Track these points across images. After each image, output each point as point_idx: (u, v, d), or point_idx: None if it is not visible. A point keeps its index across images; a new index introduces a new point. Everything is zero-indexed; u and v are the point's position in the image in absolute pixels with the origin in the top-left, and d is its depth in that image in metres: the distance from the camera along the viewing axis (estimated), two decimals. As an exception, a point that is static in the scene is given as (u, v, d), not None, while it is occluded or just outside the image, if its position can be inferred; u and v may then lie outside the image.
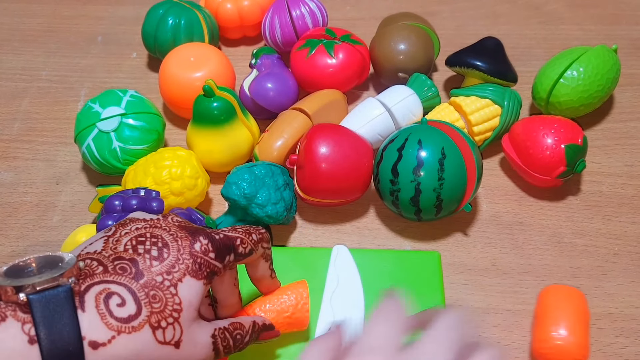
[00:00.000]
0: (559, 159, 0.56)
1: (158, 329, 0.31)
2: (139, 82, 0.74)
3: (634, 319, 0.51)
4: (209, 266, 0.35)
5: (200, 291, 0.34)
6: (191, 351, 0.34)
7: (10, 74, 0.76)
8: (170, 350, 0.32)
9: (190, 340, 0.33)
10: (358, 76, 0.67)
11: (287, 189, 0.55)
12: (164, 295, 0.32)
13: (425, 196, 0.52)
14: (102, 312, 0.30)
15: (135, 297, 0.31)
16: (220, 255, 0.36)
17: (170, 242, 0.34)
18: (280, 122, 0.61)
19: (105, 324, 0.30)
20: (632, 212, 0.59)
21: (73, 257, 0.32)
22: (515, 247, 0.56)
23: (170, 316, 0.32)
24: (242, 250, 0.37)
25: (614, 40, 0.74)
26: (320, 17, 0.71)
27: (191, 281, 0.33)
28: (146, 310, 0.31)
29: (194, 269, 0.34)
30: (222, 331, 0.37)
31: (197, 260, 0.34)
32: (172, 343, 0.32)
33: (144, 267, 0.32)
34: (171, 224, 0.36)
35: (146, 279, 0.32)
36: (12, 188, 0.64)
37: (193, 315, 0.34)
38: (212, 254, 0.35)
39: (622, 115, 0.68)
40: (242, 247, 0.37)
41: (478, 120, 0.61)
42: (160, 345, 0.31)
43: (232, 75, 0.67)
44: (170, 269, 0.33)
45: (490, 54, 0.64)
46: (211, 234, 0.36)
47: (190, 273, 0.34)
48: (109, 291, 0.31)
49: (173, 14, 0.70)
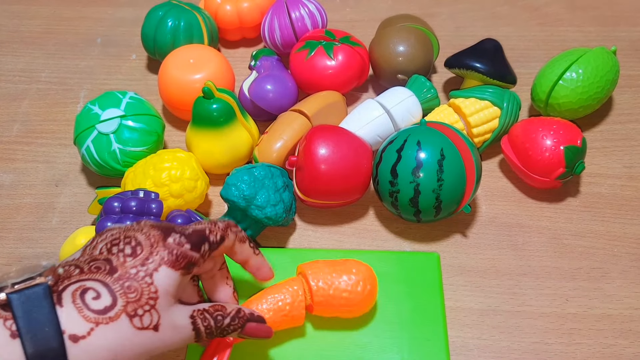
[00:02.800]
0: (558, 161, 0.56)
1: (135, 316, 0.32)
2: (139, 84, 0.74)
3: (633, 320, 0.51)
4: (186, 256, 0.36)
5: (178, 281, 0.35)
6: (171, 334, 0.34)
7: (9, 76, 0.76)
8: (150, 335, 0.33)
9: (169, 323, 0.34)
10: (357, 78, 0.67)
11: (286, 191, 0.55)
12: (140, 285, 0.33)
13: (425, 197, 0.52)
14: (79, 306, 0.31)
15: (109, 290, 0.32)
16: (195, 246, 0.36)
17: (143, 240, 0.35)
18: (279, 123, 0.61)
19: (82, 317, 0.31)
20: (631, 213, 0.59)
21: (51, 262, 0.34)
22: (514, 249, 0.57)
23: (146, 304, 0.33)
24: (214, 239, 0.38)
25: (613, 42, 0.75)
26: (320, 19, 0.71)
27: (168, 270, 0.34)
28: (122, 301, 0.32)
29: (170, 259, 0.35)
30: (201, 312, 0.37)
31: (173, 252, 0.35)
32: (151, 327, 0.33)
33: (118, 264, 0.34)
34: (144, 226, 0.37)
35: (120, 272, 0.33)
36: (12, 190, 0.64)
37: (170, 302, 0.35)
38: (187, 245, 0.36)
39: (621, 116, 0.68)
40: (213, 235, 0.38)
41: (477, 121, 0.61)
42: (138, 331, 0.32)
43: (231, 77, 0.68)
44: (145, 261, 0.34)
45: (489, 55, 0.64)
46: (182, 229, 0.37)
47: (166, 263, 0.34)
48: (85, 287, 0.32)
49: (172, 16, 0.70)
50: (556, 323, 0.51)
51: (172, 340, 0.35)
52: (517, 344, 0.50)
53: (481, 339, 0.51)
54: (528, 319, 0.52)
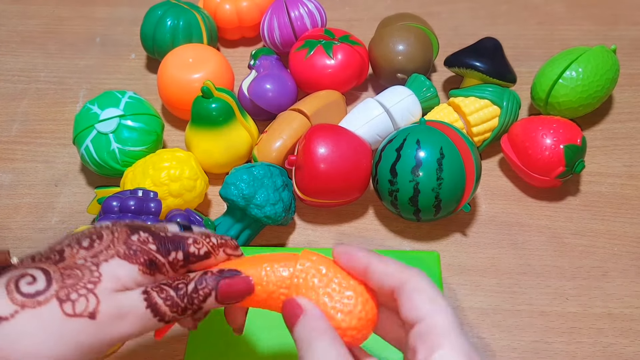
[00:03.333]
0: (558, 160, 0.56)
1: (66, 301, 0.29)
2: (138, 84, 0.74)
3: (633, 319, 0.51)
4: (148, 254, 0.32)
5: (132, 274, 0.31)
6: (116, 322, 0.30)
7: (8, 76, 0.76)
8: (85, 323, 0.29)
9: (112, 308, 0.30)
10: (357, 77, 0.67)
11: (285, 190, 0.55)
12: (81, 272, 0.30)
13: (424, 196, 0.52)
14: (10, 289, 0.29)
15: (47, 276, 0.30)
16: (163, 248, 0.33)
17: (105, 235, 0.32)
18: (279, 123, 0.61)
19: (10, 299, 0.29)
20: (631, 212, 0.59)
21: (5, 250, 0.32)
22: (514, 248, 0.56)
23: (83, 288, 0.30)
24: (194, 251, 0.34)
25: (613, 40, 0.74)
26: (319, 18, 0.70)
27: (120, 262, 0.31)
28: (56, 286, 0.29)
29: (126, 253, 0.32)
30: (157, 286, 0.32)
31: (132, 247, 0.32)
32: (85, 314, 0.29)
33: (69, 255, 0.31)
34: (118, 224, 0.34)
35: (67, 262, 0.31)
36: (11, 190, 0.64)
37: (115, 286, 0.30)
38: (152, 245, 0.33)
39: (621, 115, 0.68)
40: (195, 246, 0.34)
41: (477, 120, 0.60)
42: (68, 318, 0.29)
43: (230, 76, 0.67)
44: (97, 253, 0.31)
45: (489, 54, 0.64)
46: (157, 231, 0.34)
47: (120, 256, 0.31)
48: (24, 273, 0.30)
49: (172, 15, 0.70)
50: (556, 322, 0.51)
51: (120, 330, 0.30)
52: (517, 342, 0.50)
53: (481, 337, 0.51)
54: (528, 318, 0.52)
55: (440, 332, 0.28)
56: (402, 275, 0.31)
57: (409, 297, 0.30)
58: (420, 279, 0.31)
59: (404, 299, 0.30)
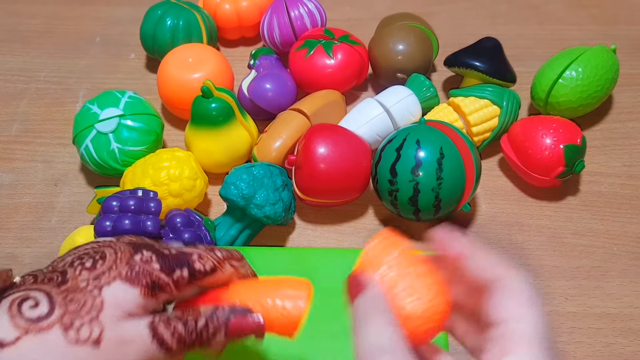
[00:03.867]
0: (557, 159, 0.56)
1: (70, 328, 0.29)
2: (138, 83, 0.74)
3: (632, 319, 0.51)
4: (150, 276, 0.32)
5: (135, 298, 0.31)
6: (120, 350, 0.30)
7: (8, 75, 0.76)
8: (89, 351, 0.29)
9: (116, 337, 0.30)
10: (357, 77, 0.67)
11: (285, 190, 0.55)
12: (84, 297, 0.30)
13: (424, 196, 0.52)
14: (13, 314, 0.29)
15: (50, 300, 0.29)
16: (167, 267, 0.32)
17: (108, 255, 0.32)
18: (278, 122, 0.61)
19: (13, 324, 0.28)
20: (630, 212, 0.59)
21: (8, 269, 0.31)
22: (514, 247, 0.56)
23: (87, 314, 0.29)
24: (200, 267, 0.33)
25: (613, 40, 0.74)
26: (319, 18, 0.70)
27: (123, 285, 0.31)
28: (59, 311, 0.29)
29: (128, 275, 0.31)
30: (164, 319, 0.31)
31: (135, 269, 0.31)
32: (89, 342, 0.29)
33: (72, 276, 0.31)
34: (120, 242, 0.34)
35: (69, 284, 0.30)
36: (11, 189, 0.64)
37: (119, 314, 0.30)
38: (155, 265, 0.32)
39: (621, 115, 0.68)
40: (200, 262, 0.34)
41: (477, 120, 0.60)
42: (72, 346, 0.28)
43: (230, 76, 0.67)
44: (100, 275, 0.31)
45: (489, 54, 0.64)
46: (160, 249, 0.34)
47: (122, 278, 0.31)
48: (26, 296, 0.29)
49: (171, 15, 0.70)
50: (556, 322, 0.51)
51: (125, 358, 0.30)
52: (516, 343, 0.50)
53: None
54: (528, 318, 0.51)
55: (519, 338, 0.26)
56: (500, 270, 0.29)
57: (500, 296, 0.28)
58: (518, 279, 0.29)
59: (494, 296, 0.28)
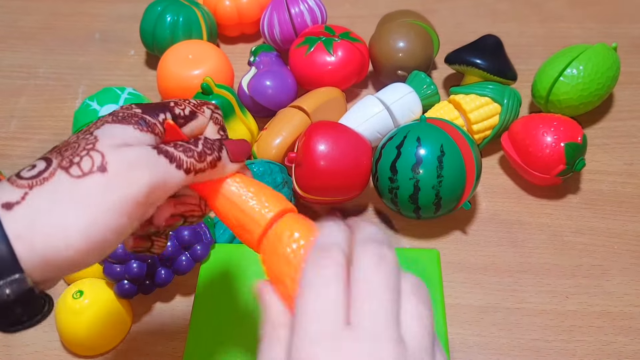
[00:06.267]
0: (558, 158, 0.56)
1: (71, 166, 0.27)
2: (137, 80, 0.74)
3: (633, 317, 0.51)
4: (135, 115, 0.30)
5: (127, 131, 0.29)
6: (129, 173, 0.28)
7: (7, 71, 0.76)
8: (97, 179, 0.27)
9: (120, 160, 0.28)
10: (357, 74, 0.67)
11: (285, 187, 0.55)
12: (77, 142, 0.29)
13: (424, 193, 0.52)
14: (12, 179, 0.27)
15: (46, 158, 0.28)
16: (147, 111, 0.31)
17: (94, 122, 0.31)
18: (278, 120, 0.61)
19: (15, 186, 0.27)
20: (631, 210, 0.59)
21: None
22: (514, 246, 0.56)
23: (83, 149, 0.28)
24: (179, 111, 0.32)
25: (614, 38, 0.74)
26: (319, 15, 0.70)
27: (111, 125, 0.29)
28: (56, 161, 0.28)
29: (115, 119, 0.30)
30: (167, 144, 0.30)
31: (118, 114, 0.30)
32: (94, 170, 0.27)
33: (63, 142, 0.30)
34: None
35: (60, 146, 0.29)
36: (10, 186, 0.63)
37: (117, 143, 0.28)
38: (137, 110, 0.31)
39: (622, 113, 0.68)
40: (179, 107, 0.32)
41: (477, 118, 0.60)
42: (79, 180, 0.27)
43: (230, 72, 0.67)
44: (87, 129, 0.30)
45: (489, 51, 0.64)
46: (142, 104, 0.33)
47: (108, 122, 0.30)
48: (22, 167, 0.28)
49: (171, 12, 0.70)
50: (556, 320, 0.51)
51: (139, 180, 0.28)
52: (516, 341, 0.50)
53: (481, 336, 0.51)
54: (528, 316, 0.51)
55: None
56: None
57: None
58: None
59: None
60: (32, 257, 0.26)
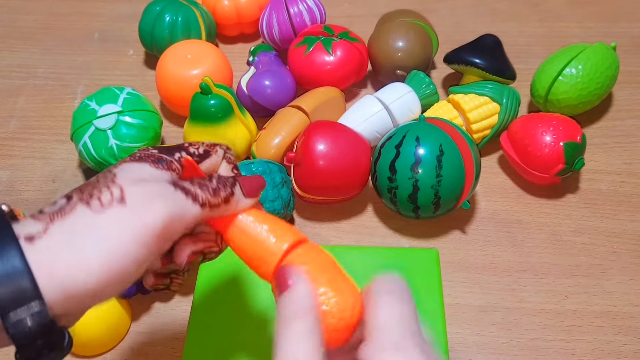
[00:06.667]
0: (557, 157, 0.56)
1: (92, 199, 0.28)
2: (136, 80, 0.74)
3: (632, 317, 0.51)
4: (152, 155, 0.32)
5: (145, 169, 0.31)
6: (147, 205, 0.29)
7: (6, 71, 0.76)
8: (117, 211, 0.28)
9: (138, 193, 0.29)
10: (356, 73, 0.67)
11: (284, 187, 0.55)
12: (97, 179, 0.30)
13: (423, 193, 0.52)
14: (34, 215, 0.28)
15: (67, 196, 0.29)
16: (164, 151, 0.33)
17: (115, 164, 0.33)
18: (277, 119, 0.61)
19: (37, 220, 0.28)
20: (630, 210, 0.59)
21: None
22: (513, 245, 0.56)
23: (103, 185, 0.29)
24: (194, 151, 0.34)
25: (613, 37, 0.74)
26: (318, 14, 0.70)
27: (129, 164, 0.31)
28: (76, 197, 0.29)
29: (132, 159, 0.32)
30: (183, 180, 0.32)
31: (136, 155, 0.32)
32: (114, 202, 0.28)
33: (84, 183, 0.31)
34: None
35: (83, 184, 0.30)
36: (9, 186, 0.63)
37: (134, 177, 0.30)
38: (153, 150, 0.33)
39: (621, 113, 0.68)
40: (193, 147, 0.34)
41: (476, 117, 0.60)
42: (99, 213, 0.28)
43: (229, 72, 0.67)
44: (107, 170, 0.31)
45: (488, 51, 0.64)
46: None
47: (126, 162, 0.31)
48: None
49: (170, 11, 0.70)
50: (555, 319, 0.51)
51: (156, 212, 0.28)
52: (516, 340, 0.50)
53: (480, 335, 0.51)
54: (527, 316, 0.51)
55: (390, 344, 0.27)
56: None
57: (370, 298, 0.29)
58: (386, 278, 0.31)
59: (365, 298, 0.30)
60: (53, 288, 0.26)
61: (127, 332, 0.51)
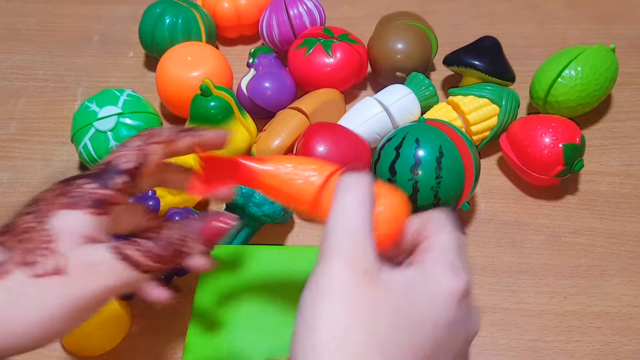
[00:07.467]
0: (556, 158, 0.56)
1: (30, 265, 0.28)
2: (136, 82, 0.74)
3: (631, 318, 0.51)
4: (92, 196, 0.31)
5: (83, 221, 0.30)
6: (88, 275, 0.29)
7: (6, 73, 0.76)
8: (56, 281, 0.28)
9: (80, 262, 0.29)
10: (356, 75, 0.67)
11: (284, 188, 0.55)
12: (34, 233, 0.30)
13: (423, 195, 0.52)
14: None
15: (3, 247, 0.29)
16: (102, 183, 0.32)
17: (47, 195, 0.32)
18: (277, 121, 0.61)
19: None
20: (629, 211, 0.59)
21: None
22: (512, 246, 0.56)
23: (42, 248, 0.29)
24: (128, 166, 0.33)
25: (612, 39, 0.74)
26: (318, 16, 0.70)
27: (65, 213, 0.30)
28: (13, 254, 0.29)
29: (67, 202, 0.31)
30: (128, 242, 0.31)
31: (72, 194, 0.31)
32: (53, 272, 0.28)
33: (18, 222, 0.31)
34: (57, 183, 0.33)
35: (17, 229, 0.30)
36: (9, 188, 0.64)
37: (76, 240, 0.30)
38: (91, 185, 0.32)
39: (620, 114, 0.68)
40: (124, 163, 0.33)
41: (476, 119, 0.60)
42: (37, 280, 0.28)
43: (229, 74, 0.67)
44: (39, 212, 0.31)
45: (488, 53, 0.64)
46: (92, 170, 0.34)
47: (62, 207, 0.31)
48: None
49: (170, 13, 0.70)
50: (555, 320, 0.51)
51: (97, 283, 0.29)
52: (515, 341, 0.50)
53: (479, 336, 0.51)
54: (526, 317, 0.52)
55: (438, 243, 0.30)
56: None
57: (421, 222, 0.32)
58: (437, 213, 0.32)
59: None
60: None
61: (127, 332, 0.51)
